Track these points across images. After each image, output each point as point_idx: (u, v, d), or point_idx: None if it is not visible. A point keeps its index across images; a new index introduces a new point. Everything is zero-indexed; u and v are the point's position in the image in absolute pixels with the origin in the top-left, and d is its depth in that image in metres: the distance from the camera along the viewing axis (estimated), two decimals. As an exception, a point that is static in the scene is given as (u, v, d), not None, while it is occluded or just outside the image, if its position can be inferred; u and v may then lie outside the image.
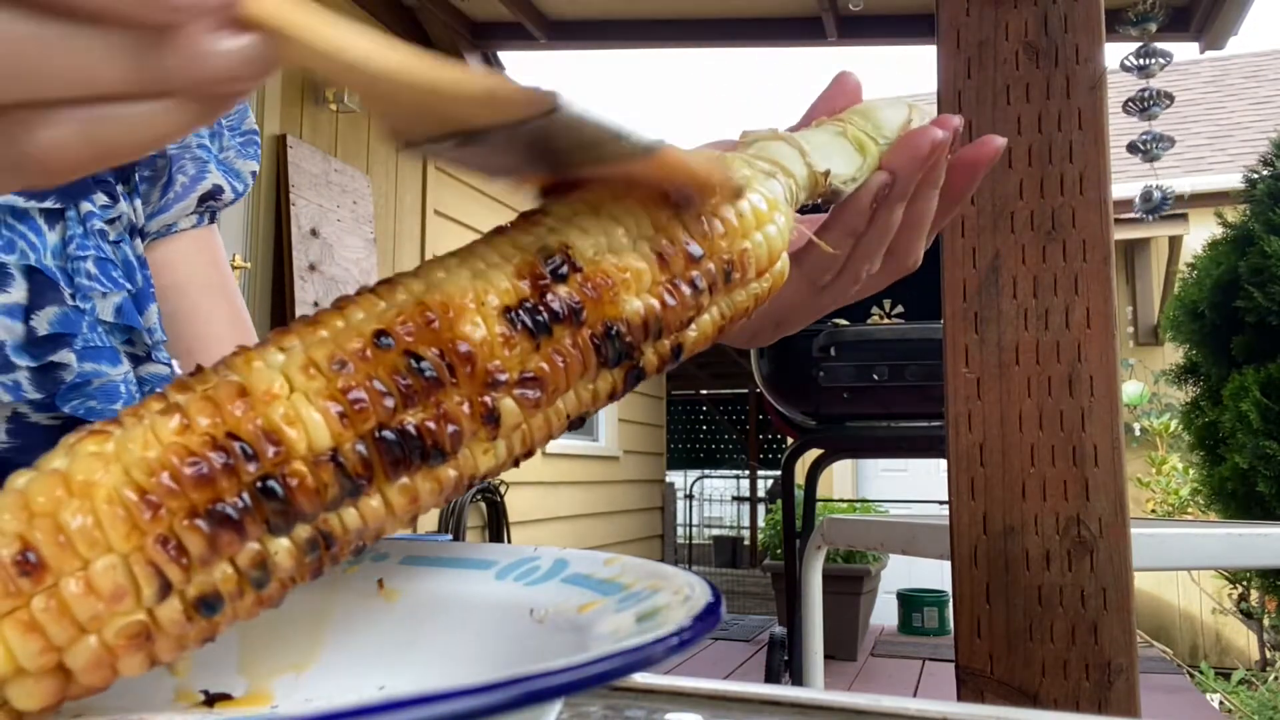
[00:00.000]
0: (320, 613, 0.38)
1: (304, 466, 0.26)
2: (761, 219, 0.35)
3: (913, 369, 1.71)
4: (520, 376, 0.29)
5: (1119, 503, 0.87)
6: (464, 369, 0.28)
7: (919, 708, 0.44)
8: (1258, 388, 3.94)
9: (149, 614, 0.25)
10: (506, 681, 0.18)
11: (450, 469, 0.28)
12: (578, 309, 0.30)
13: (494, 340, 0.28)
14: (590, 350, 0.30)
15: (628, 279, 0.31)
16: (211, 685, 0.36)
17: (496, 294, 0.29)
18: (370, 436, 0.27)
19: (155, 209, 0.61)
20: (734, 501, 10.30)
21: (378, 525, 0.28)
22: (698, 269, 0.33)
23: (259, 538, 0.26)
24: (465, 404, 0.28)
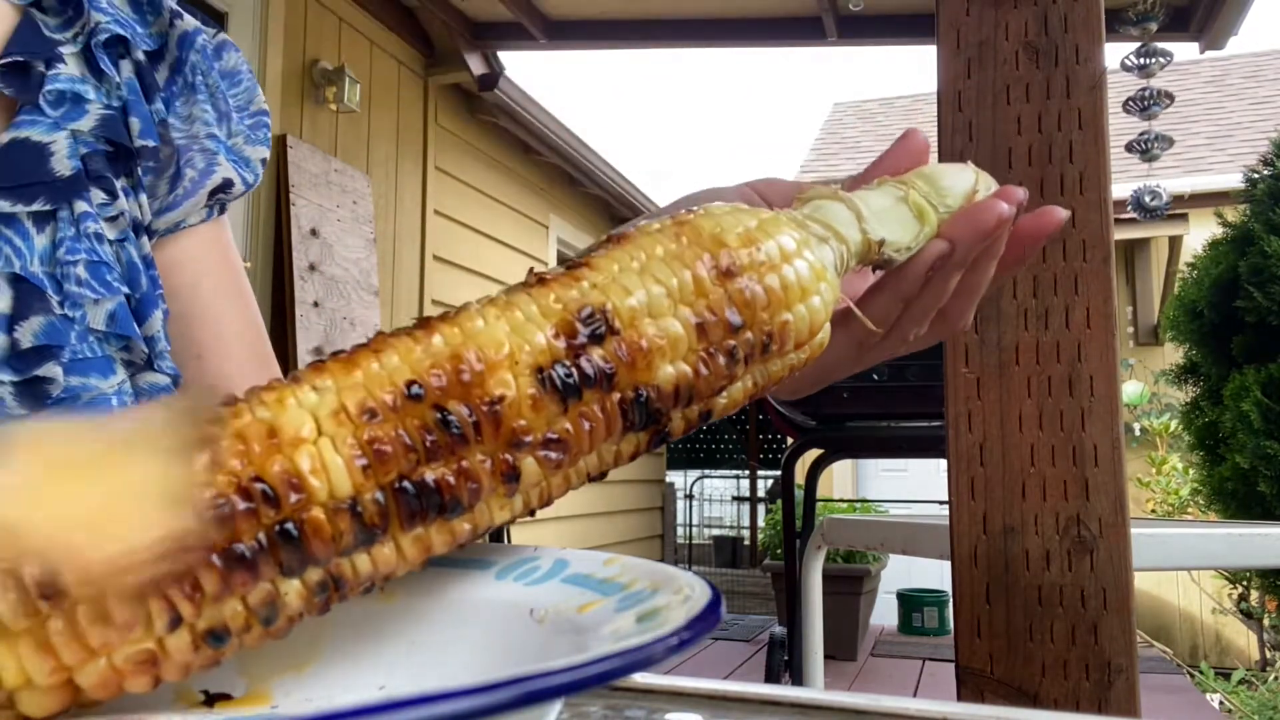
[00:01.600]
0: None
1: (322, 514, 0.26)
2: (806, 291, 0.35)
3: (913, 369, 1.71)
4: (545, 438, 0.29)
5: (1119, 503, 0.87)
6: (490, 428, 0.28)
7: (919, 708, 0.44)
8: (1258, 387, 3.94)
9: (158, 643, 0.25)
10: (506, 681, 0.18)
11: (465, 522, 0.29)
12: (610, 374, 0.30)
13: (523, 400, 0.29)
14: (617, 415, 0.31)
15: (663, 346, 0.31)
16: (211, 685, 0.36)
17: (531, 351, 0.29)
18: (390, 487, 0.27)
19: (164, 205, 0.58)
20: (734, 501, 10.30)
21: (388, 570, 0.28)
22: (735, 339, 0.33)
23: (272, 579, 0.26)
24: (487, 461, 0.28)
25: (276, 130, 3.57)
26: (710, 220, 0.34)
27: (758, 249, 0.34)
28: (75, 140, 0.52)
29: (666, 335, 0.31)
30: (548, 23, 4.36)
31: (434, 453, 0.27)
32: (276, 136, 3.56)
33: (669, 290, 0.32)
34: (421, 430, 0.27)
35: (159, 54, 0.59)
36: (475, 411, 0.28)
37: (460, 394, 0.28)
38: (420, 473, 0.27)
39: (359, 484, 0.27)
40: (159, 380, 0.54)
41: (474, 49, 4.51)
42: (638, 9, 4.29)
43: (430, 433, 0.27)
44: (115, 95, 0.55)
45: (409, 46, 4.46)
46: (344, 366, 0.28)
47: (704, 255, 0.33)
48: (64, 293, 0.50)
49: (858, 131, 10.23)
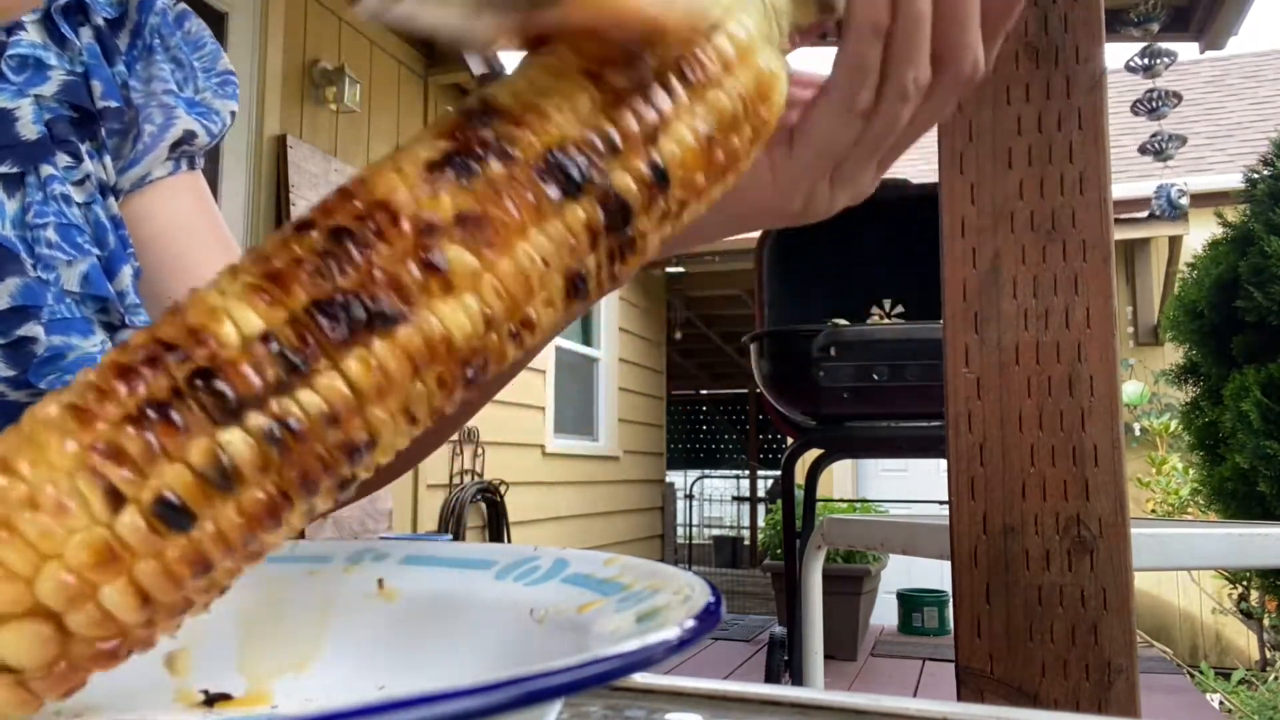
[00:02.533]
0: (320, 613, 0.38)
1: (235, 353, 0.24)
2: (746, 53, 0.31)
3: (913, 369, 1.71)
4: (455, 216, 0.26)
5: (1119, 503, 0.87)
6: (390, 227, 0.26)
7: (919, 708, 0.44)
8: (1259, 388, 3.94)
9: (108, 529, 0.23)
10: (506, 681, 0.18)
11: (411, 332, 0.26)
12: (507, 145, 0.27)
13: (418, 194, 0.26)
14: (532, 178, 0.27)
15: (561, 104, 0.28)
16: (211, 685, 0.36)
17: (418, 161, 0.27)
18: (303, 313, 0.25)
19: (125, 163, 0.59)
20: (734, 501, 10.30)
21: (347, 407, 0.25)
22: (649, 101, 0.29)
23: (206, 432, 0.24)
24: (402, 260, 0.26)
25: (276, 130, 3.57)
26: None
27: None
28: (39, 105, 0.53)
29: (563, 97, 0.28)
30: (548, 23, 4.36)
31: (340, 267, 0.25)
32: (276, 136, 3.56)
33: (568, 105, 0.28)
34: (316, 251, 0.25)
35: (120, 20, 0.60)
36: (368, 217, 0.26)
37: (350, 211, 0.26)
38: (329, 290, 0.25)
39: (266, 315, 0.25)
40: None
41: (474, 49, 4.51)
42: (638, 9, 4.28)
43: (328, 249, 0.25)
44: (78, 61, 0.56)
45: (409, 46, 4.46)
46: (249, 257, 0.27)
47: None
48: (36, 255, 0.51)
49: (858, 131, 10.20)
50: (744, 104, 0.31)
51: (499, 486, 5.04)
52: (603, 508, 6.74)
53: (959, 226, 0.93)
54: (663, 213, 0.30)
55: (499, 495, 5.04)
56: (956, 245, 0.93)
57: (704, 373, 10.91)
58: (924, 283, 1.24)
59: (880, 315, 2.12)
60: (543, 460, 5.74)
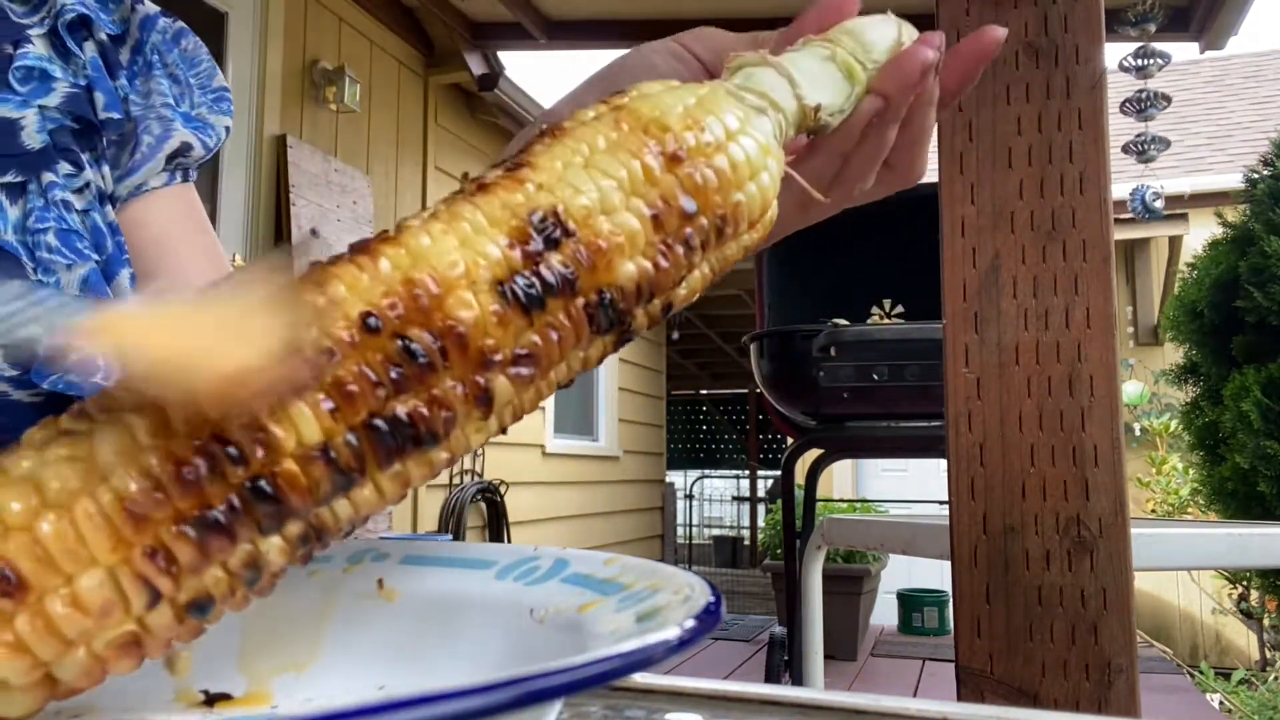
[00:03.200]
0: (320, 613, 0.38)
1: (295, 466, 0.25)
2: (755, 168, 0.33)
3: (913, 369, 1.71)
4: (514, 355, 0.28)
5: (1119, 503, 0.87)
6: (457, 351, 0.27)
7: (919, 708, 0.44)
8: (1259, 388, 3.94)
9: (139, 623, 0.24)
10: (506, 681, 0.18)
11: (443, 451, 0.28)
12: (572, 279, 0.28)
13: (487, 318, 0.27)
14: (584, 321, 0.29)
15: (621, 243, 0.29)
16: (211, 685, 0.36)
17: (487, 265, 0.27)
18: (362, 427, 0.26)
19: (123, 172, 0.61)
20: (734, 501, 10.30)
21: (369, 511, 0.27)
22: (691, 226, 0.31)
23: (251, 539, 0.25)
24: (458, 386, 0.27)
25: (276, 130, 3.57)
26: (648, 103, 0.33)
27: (702, 130, 0.32)
28: (43, 116, 0.55)
29: (623, 231, 0.30)
30: (547, 23, 4.36)
31: (402, 385, 0.26)
32: (276, 136, 3.56)
33: (619, 183, 0.30)
34: (385, 364, 0.26)
35: (122, 37, 0.63)
36: (439, 336, 0.26)
37: (420, 320, 0.26)
38: (391, 408, 0.26)
39: (329, 429, 0.25)
40: None
41: (474, 49, 4.51)
42: (638, 9, 4.29)
43: (396, 365, 0.26)
44: (81, 74, 0.58)
45: (409, 46, 4.46)
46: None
47: (649, 142, 0.31)
48: (36, 259, 0.52)
49: (858, 131, 10.20)
50: (747, 246, 0.35)
51: (499, 486, 5.04)
52: (603, 508, 6.74)
53: (959, 226, 0.93)
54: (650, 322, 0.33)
55: (499, 495, 5.03)
56: (956, 245, 0.93)
57: (704, 373, 10.91)
58: (924, 283, 1.24)
59: (880, 315, 2.12)
60: (543, 460, 5.73)
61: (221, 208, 3.38)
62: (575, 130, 0.32)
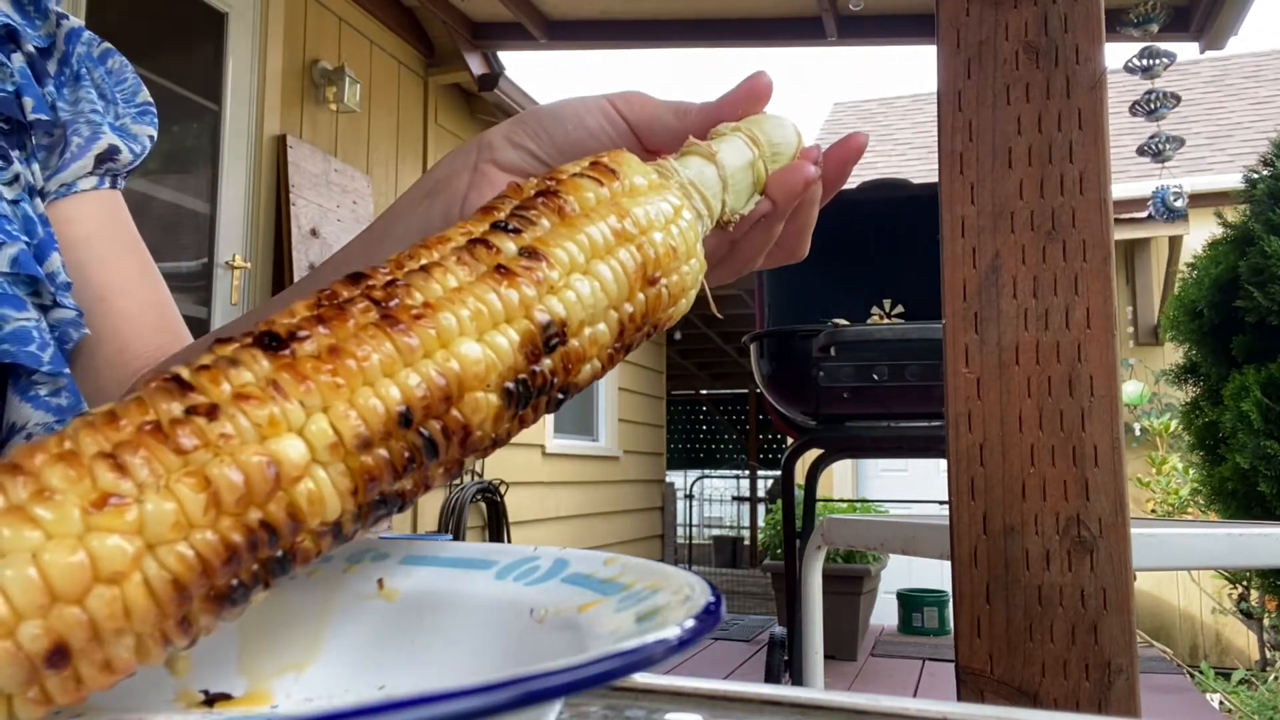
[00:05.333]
0: (320, 613, 0.38)
1: (310, 543, 0.27)
2: (695, 282, 0.37)
3: (913, 369, 1.71)
4: (494, 439, 0.31)
5: (1119, 503, 0.87)
6: (459, 444, 0.30)
7: (919, 708, 0.44)
8: (1259, 388, 3.94)
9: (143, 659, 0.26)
10: (506, 681, 0.18)
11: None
12: (553, 384, 0.32)
13: (489, 417, 0.30)
14: (542, 412, 0.33)
15: (593, 353, 0.33)
16: (211, 685, 0.36)
17: (500, 365, 0.30)
18: (367, 505, 0.28)
19: (53, 170, 0.66)
20: (734, 501, 10.30)
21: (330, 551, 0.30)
22: (641, 332, 0.35)
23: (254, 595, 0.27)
24: (442, 467, 0.30)
25: (276, 130, 3.57)
26: (641, 205, 0.35)
27: (674, 252, 0.35)
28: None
29: (597, 342, 0.33)
30: (548, 23, 4.36)
31: (408, 471, 0.29)
32: (276, 136, 3.56)
33: (609, 297, 0.33)
34: (405, 454, 0.28)
35: (49, 50, 0.68)
36: (451, 432, 0.29)
37: (441, 412, 0.29)
38: (395, 488, 0.29)
39: (345, 509, 0.28)
40: (66, 315, 0.60)
41: (474, 49, 4.51)
42: (638, 9, 4.29)
43: (412, 457, 0.29)
44: (9, 81, 0.63)
45: (409, 46, 4.46)
46: (325, 372, 0.27)
47: (635, 254, 0.34)
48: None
49: (858, 131, 10.21)
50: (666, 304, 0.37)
51: (499, 486, 5.04)
52: (603, 508, 6.74)
53: (959, 226, 0.93)
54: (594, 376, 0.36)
55: (499, 495, 5.03)
56: (956, 245, 0.93)
57: (704, 373, 10.91)
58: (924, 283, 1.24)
59: (880, 315, 2.12)
60: (543, 460, 5.73)
61: (221, 207, 3.37)
62: (580, 219, 0.34)
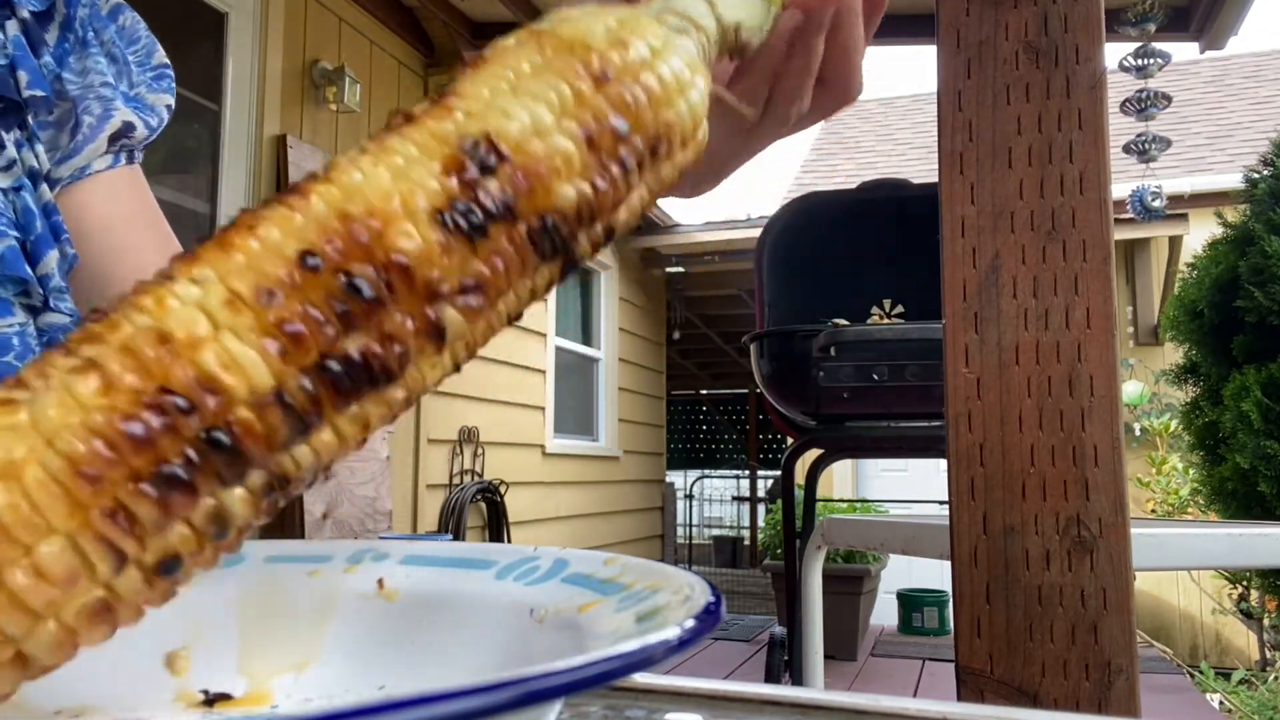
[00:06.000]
0: (320, 613, 0.38)
1: (249, 412, 0.24)
2: (683, 86, 0.33)
3: (913, 369, 1.71)
4: (462, 284, 0.27)
5: (1119, 503, 0.87)
6: (403, 284, 0.26)
7: (919, 708, 0.44)
8: (1259, 388, 3.94)
9: (107, 588, 0.23)
10: (506, 682, 0.18)
11: (399, 390, 0.27)
12: (511, 204, 0.28)
13: (430, 249, 0.26)
14: (527, 247, 0.29)
15: (558, 166, 0.29)
16: (211, 685, 0.36)
17: (425, 195, 0.27)
18: (314, 370, 0.25)
19: (64, 153, 0.60)
20: (734, 501, 10.31)
21: (330, 457, 0.27)
22: (626, 146, 0.31)
23: (212, 492, 0.24)
24: (408, 321, 0.26)
25: (277, 130, 3.57)
26: (570, 26, 0.32)
27: (626, 50, 0.32)
28: None
29: (558, 154, 0.29)
30: (548, 23, 4.36)
31: (351, 323, 0.25)
32: (276, 136, 3.56)
33: (549, 106, 0.30)
34: (330, 301, 0.25)
35: (48, 14, 0.61)
36: (383, 270, 0.26)
37: (362, 255, 0.26)
38: (342, 347, 0.25)
39: (279, 372, 0.25)
40: (59, 320, 0.55)
41: (474, 49, 4.51)
42: (638, 9, 4.28)
43: (341, 302, 0.25)
44: (1, 53, 0.56)
45: (409, 46, 4.46)
46: (219, 251, 0.26)
47: (575, 64, 0.31)
48: None
49: (858, 131, 10.23)
50: (679, 167, 0.34)
51: (499, 486, 5.04)
52: (603, 508, 6.74)
53: (959, 226, 0.93)
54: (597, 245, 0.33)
55: (499, 495, 5.03)
56: (956, 245, 0.93)
57: (704, 373, 10.91)
58: (924, 283, 1.24)
59: (880, 315, 2.12)
60: (543, 460, 5.73)
61: (221, 208, 3.38)
62: (499, 57, 0.31)
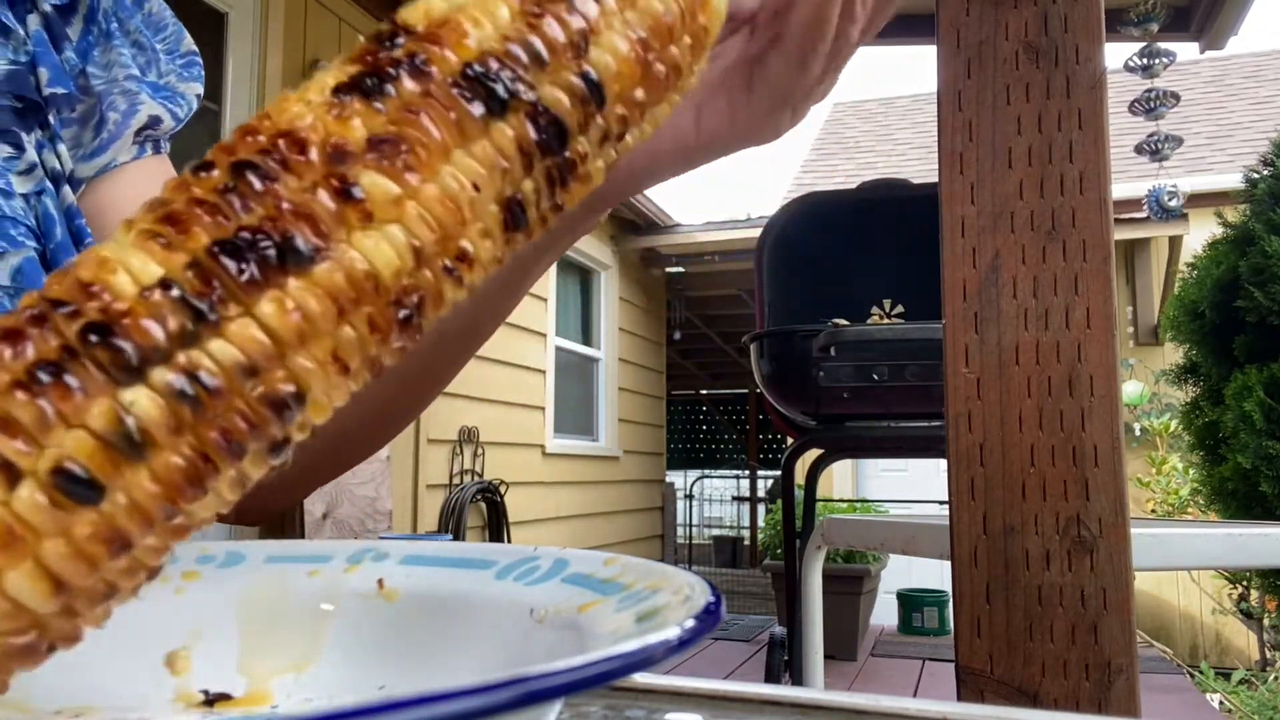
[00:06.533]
0: (320, 613, 0.38)
1: (132, 304, 0.22)
2: None
3: (913, 369, 1.71)
4: (368, 140, 0.24)
5: (1119, 503, 0.87)
6: (295, 156, 0.24)
7: (919, 708, 0.44)
8: (1261, 387, 3.94)
9: (4, 507, 0.20)
10: (506, 681, 0.18)
11: (330, 269, 0.23)
12: (419, 63, 0.25)
13: (325, 120, 0.24)
14: (451, 95, 0.25)
15: (476, 16, 0.26)
16: (211, 685, 0.36)
17: (324, 88, 0.25)
18: (205, 254, 0.23)
19: (89, 151, 0.58)
20: (734, 501, 10.31)
21: (265, 355, 0.23)
22: None
23: (106, 393, 0.22)
24: (312, 190, 0.24)
25: (276, 130, 3.57)
26: None
27: None
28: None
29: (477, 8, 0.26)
30: (548, 23, 4.36)
31: (242, 203, 0.23)
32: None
33: None
34: (216, 191, 0.23)
35: (71, 7, 0.59)
36: (275, 150, 0.24)
37: (255, 148, 0.24)
38: (234, 228, 0.23)
39: (164, 260, 0.22)
40: None
41: (474, 49, 4.51)
42: (638, 9, 4.28)
43: (228, 188, 0.23)
44: (22, 50, 0.54)
45: (409, 46, 4.46)
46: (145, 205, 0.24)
47: None
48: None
49: (858, 132, 10.23)
50: (679, 9, 0.29)
51: (499, 486, 5.04)
52: (603, 508, 6.74)
53: (959, 226, 0.93)
54: (602, 132, 0.28)
55: (499, 495, 5.03)
56: (956, 245, 0.93)
57: (704, 373, 10.91)
58: (924, 283, 1.24)
59: (880, 315, 2.12)
60: (543, 460, 5.73)
61: (221, 208, 3.38)
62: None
